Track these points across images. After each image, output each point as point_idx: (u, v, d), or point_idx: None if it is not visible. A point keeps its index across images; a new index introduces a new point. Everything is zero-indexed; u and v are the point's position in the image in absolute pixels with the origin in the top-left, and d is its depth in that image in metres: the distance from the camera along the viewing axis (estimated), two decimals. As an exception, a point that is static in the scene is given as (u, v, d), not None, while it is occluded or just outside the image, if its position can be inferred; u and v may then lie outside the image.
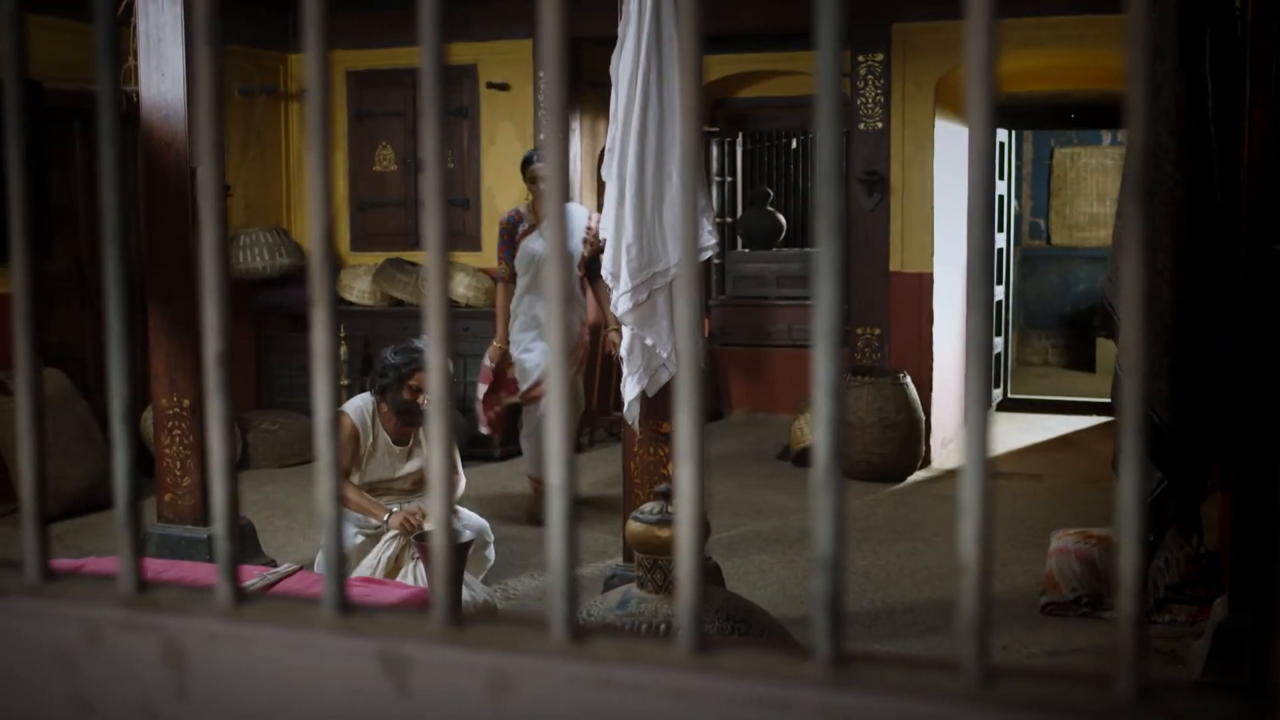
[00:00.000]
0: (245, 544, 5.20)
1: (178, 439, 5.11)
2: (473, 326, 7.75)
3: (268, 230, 8.07)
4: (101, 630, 0.97)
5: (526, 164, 6.18)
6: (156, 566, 3.84)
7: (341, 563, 0.95)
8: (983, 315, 0.83)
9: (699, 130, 0.87)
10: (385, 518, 4.62)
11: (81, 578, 1.03)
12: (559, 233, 0.90)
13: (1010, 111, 8.69)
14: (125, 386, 1.00)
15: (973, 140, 0.81)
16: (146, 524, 5.52)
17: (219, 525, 0.97)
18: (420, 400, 4.68)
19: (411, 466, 4.84)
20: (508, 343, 6.17)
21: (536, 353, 6.03)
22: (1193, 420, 4.44)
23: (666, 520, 2.92)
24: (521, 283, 6.10)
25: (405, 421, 4.76)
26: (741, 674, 0.84)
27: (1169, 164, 4.34)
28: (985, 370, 0.84)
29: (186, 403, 5.09)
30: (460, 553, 3.83)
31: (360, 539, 4.68)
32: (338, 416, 0.99)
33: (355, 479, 4.69)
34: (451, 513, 0.94)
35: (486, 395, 6.24)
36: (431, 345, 0.92)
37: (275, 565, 5.17)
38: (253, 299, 8.21)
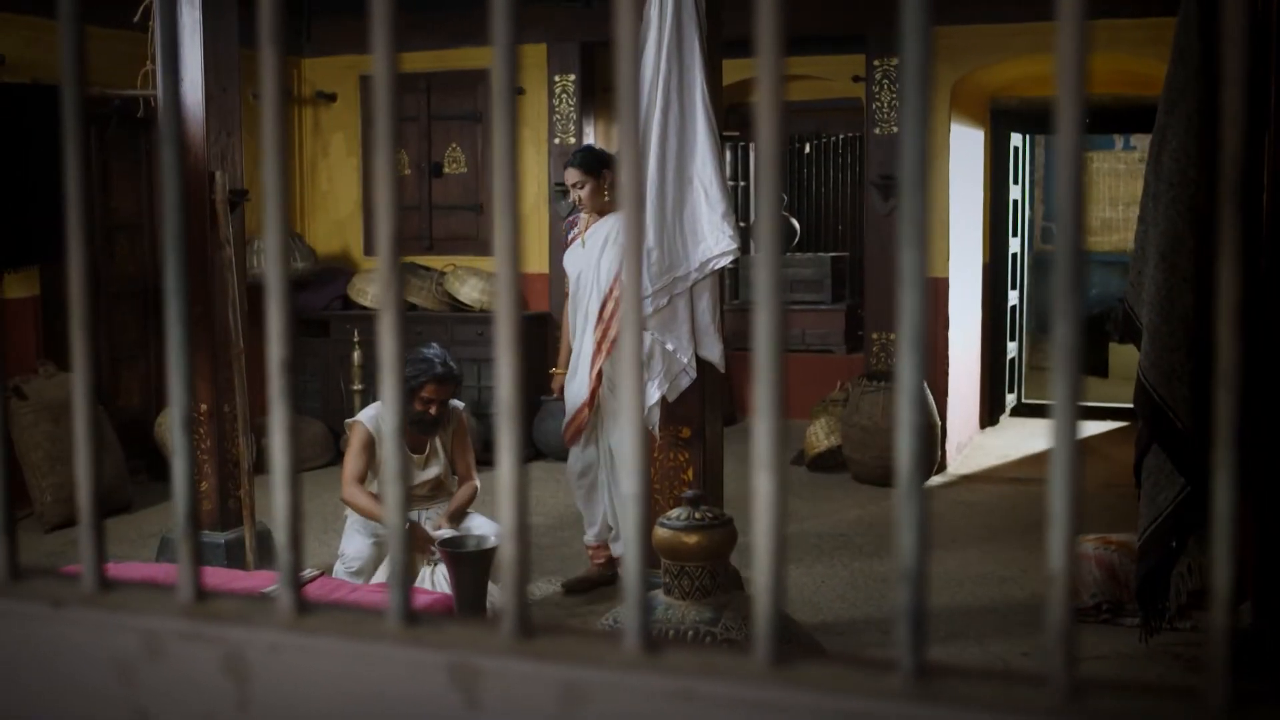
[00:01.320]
0: (262, 549, 5.19)
1: (195, 443, 5.09)
2: (487, 331, 7.74)
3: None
4: (162, 641, 0.95)
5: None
6: (167, 571, 3.83)
7: (407, 573, 0.93)
8: (1071, 324, 0.81)
9: (779, 139, 0.85)
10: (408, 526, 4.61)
11: (139, 586, 1.02)
12: (634, 260, 0.88)
13: (1025, 116, 8.67)
14: (186, 395, 0.98)
15: (1063, 145, 0.79)
16: (163, 529, 5.52)
17: (281, 535, 0.96)
18: (431, 410, 4.66)
19: (429, 474, 4.83)
20: (566, 367, 5.42)
21: (576, 382, 5.24)
22: (1213, 425, 4.42)
23: (693, 526, 2.90)
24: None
25: (419, 431, 4.74)
26: (823, 687, 0.83)
27: (1193, 169, 4.31)
28: (1075, 381, 0.82)
29: (204, 407, 5.07)
30: (487, 558, 3.82)
31: (376, 545, 4.66)
32: (379, 426, 0.97)
33: (374, 487, 4.68)
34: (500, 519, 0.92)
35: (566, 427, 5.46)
36: (502, 353, 0.90)
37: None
38: (262, 303, 8.20)
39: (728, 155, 9.43)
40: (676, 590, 2.89)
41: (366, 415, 4.78)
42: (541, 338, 8.00)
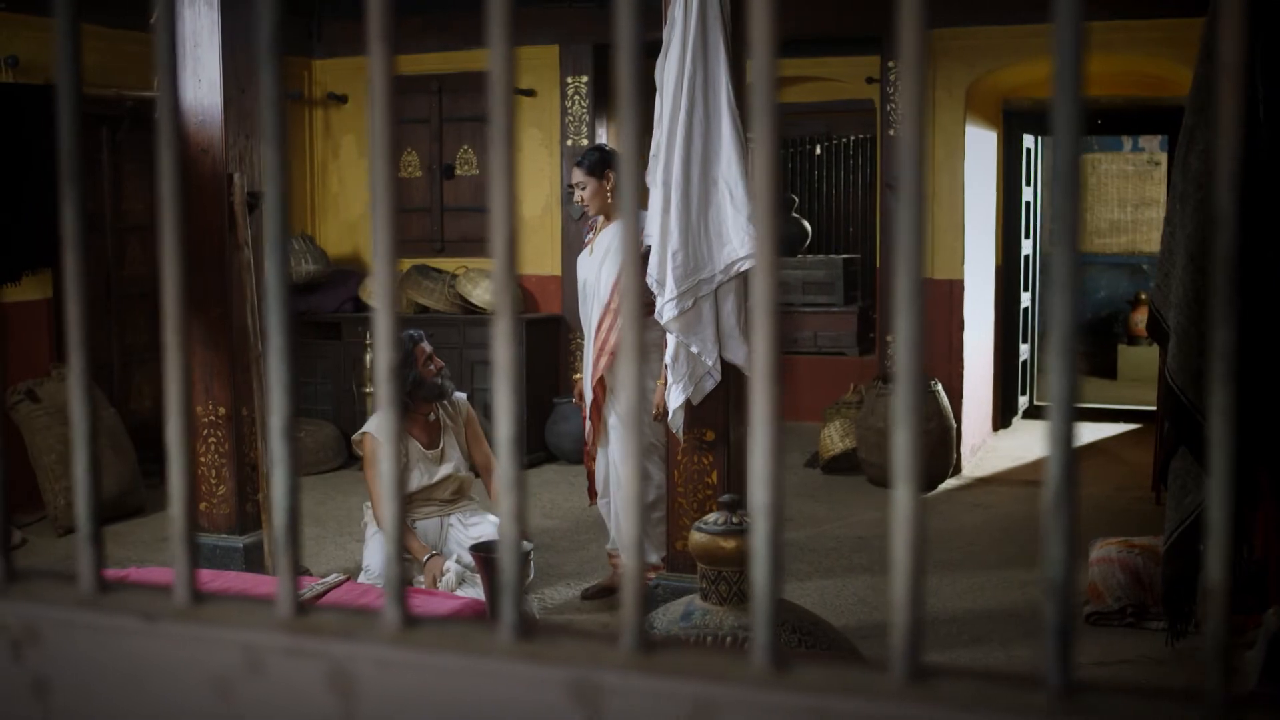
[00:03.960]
0: (280, 553, 5.16)
1: (213, 447, 5.07)
2: (499, 334, 7.71)
3: (293, 237, 8.04)
4: (262, 656, 0.93)
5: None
6: (201, 576, 3.80)
7: (520, 584, 0.90)
8: (1231, 329, 0.78)
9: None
10: (425, 559, 4.61)
11: (234, 599, 0.99)
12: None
13: (1038, 117, 8.64)
14: (287, 401, 0.95)
15: (1224, 149, 0.76)
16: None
17: (389, 547, 0.93)
18: (436, 366, 4.70)
19: (446, 470, 4.80)
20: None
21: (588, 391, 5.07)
22: (1242, 428, 4.39)
23: (731, 531, 2.88)
24: None
25: (432, 397, 4.72)
26: (964, 703, 0.80)
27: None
28: (1233, 391, 0.79)
29: (222, 410, 5.05)
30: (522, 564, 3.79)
31: (405, 561, 4.62)
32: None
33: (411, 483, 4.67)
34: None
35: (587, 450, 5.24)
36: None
37: (309, 574, 5.13)
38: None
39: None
40: (714, 595, 2.86)
41: (373, 425, 4.77)
42: (554, 340, 7.97)
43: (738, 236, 4.24)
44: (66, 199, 1.01)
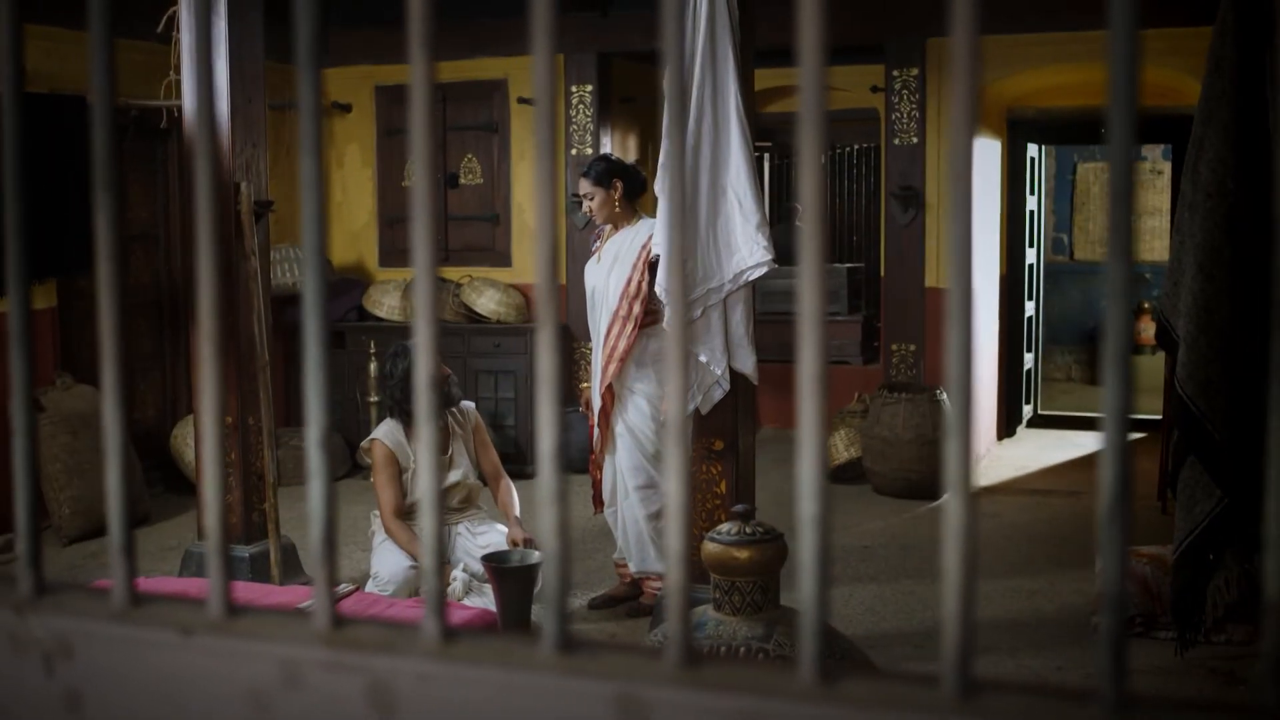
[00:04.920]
0: (287, 563, 5.15)
1: (223, 455, 5.05)
2: (504, 343, 7.71)
3: (297, 246, 8.04)
4: (300, 670, 0.92)
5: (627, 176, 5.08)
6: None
7: (564, 596, 0.89)
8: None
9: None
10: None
11: (269, 612, 0.98)
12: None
13: (1042, 126, 8.65)
14: (324, 413, 0.94)
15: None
16: (187, 542, 5.48)
17: (426, 559, 0.92)
18: (444, 374, 4.68)
19: (455, 476, 4.79)
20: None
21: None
22: (1252, 437, 4.38)
23: (744, 541, 2.86)
24: None
25: (444, 403, 4.72)
26: (1015, 718, 0.79)
27: (1229, 179, 4.28)
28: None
29: (228, 419, 5.03)
30: (532, 574, 3.77)
31: (413, 569, 4.61)
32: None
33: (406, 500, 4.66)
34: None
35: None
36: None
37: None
38: (281, 315, 8.16)
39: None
40: (727, 606, 2.85)
41: (382, 433, 4.76)
42: (558, 349, 7.95)
43: (746, 245, 4.23)
44: (102, 208, 1.00)
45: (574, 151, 7.92)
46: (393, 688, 0.89)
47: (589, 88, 7.86)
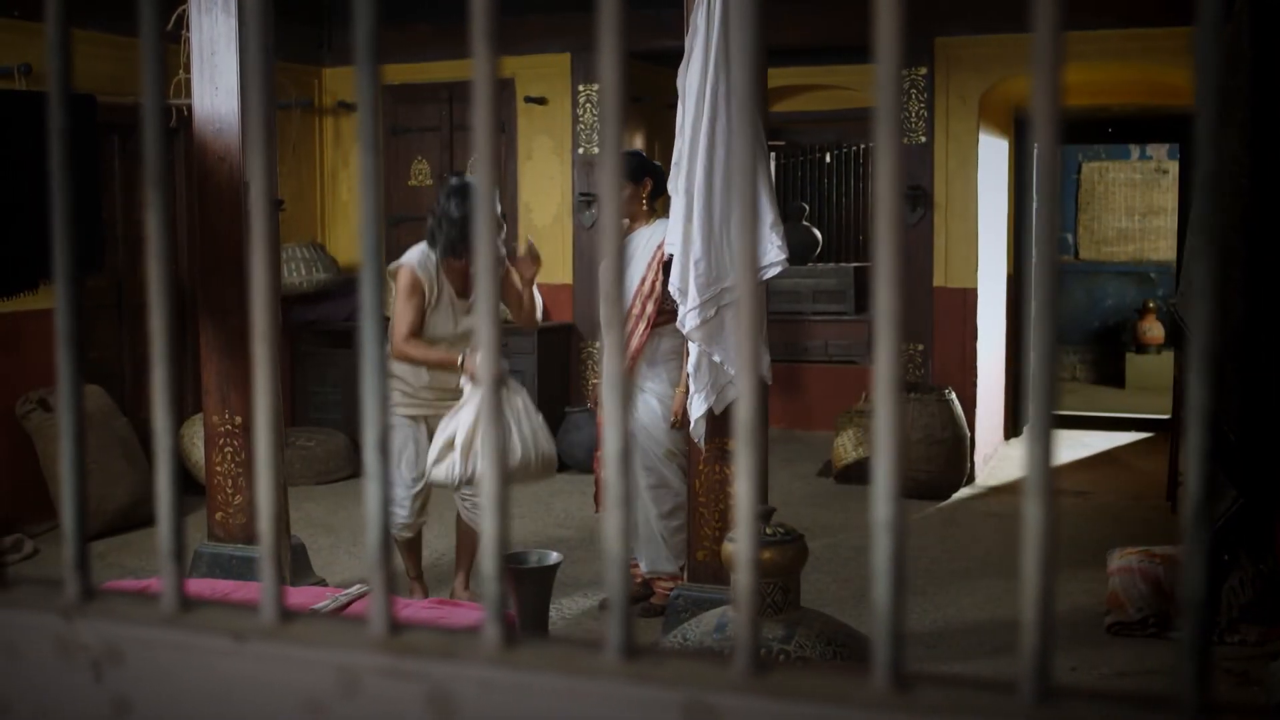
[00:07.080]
0: (296, 564, 5.14)
1: (229, 456, 5.04)
2: (511, 341, 7.69)
3: (304, 245, 8.02)
4: (358, 677, 0.90)
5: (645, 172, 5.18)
6: (223, 587, 3.78)
7: (625, 602, 0.88)
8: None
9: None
10: (461, 360, 4.48)
11: (324, 618, 0.97)
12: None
13: (1049, 125, 8.61)
14: (380, 414, 0.93)
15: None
16: (195, 543, 5.46)
17: (488, 565, 0.90)
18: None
19: (470, 322, 4.74)
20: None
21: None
22: (1266, 437, 4.37)
23: (765, 542, 2.85)
24: None
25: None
26: (1096, 728, 0.77)
27: (1243, 177, 4.27)
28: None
29: (239, 419, 5.02)
30: (549, 575, 3.75)
31: (402, 422, 4.60)
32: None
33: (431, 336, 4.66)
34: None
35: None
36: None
37: (324, 584, 5.10)
38: (288, 314, 8.15)
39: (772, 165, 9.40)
40: (747, 607, 2.83)
41: (410, 258, 4.72)
42: (565, 349, 7.94)
43: (760, 245, 4.22)
44: (153, 207, 0.99)
45: (581, 151, 7.91)
46: (453, 695, 0.88)
47: (597, 87, 7.85)
